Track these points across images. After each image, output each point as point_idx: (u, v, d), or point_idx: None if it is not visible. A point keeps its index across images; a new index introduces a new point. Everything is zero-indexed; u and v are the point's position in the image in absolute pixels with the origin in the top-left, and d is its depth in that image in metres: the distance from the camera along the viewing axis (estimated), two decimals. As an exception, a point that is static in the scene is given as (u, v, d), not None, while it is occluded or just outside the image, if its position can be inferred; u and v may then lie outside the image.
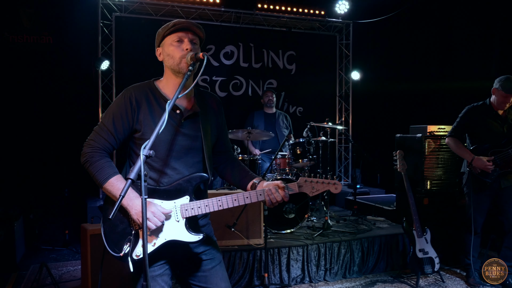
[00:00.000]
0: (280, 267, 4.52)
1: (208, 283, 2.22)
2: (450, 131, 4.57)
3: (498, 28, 6.13)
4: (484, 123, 4.32)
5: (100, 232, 3.96)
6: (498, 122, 4.29)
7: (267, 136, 5.98)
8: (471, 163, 4.28)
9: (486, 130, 4.31)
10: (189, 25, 2.15)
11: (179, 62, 2.11)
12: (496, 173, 4.21)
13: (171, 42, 2.15)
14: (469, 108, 4.46)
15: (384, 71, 8.28)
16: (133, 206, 2.00)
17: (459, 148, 4.42)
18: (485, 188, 4.30)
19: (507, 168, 4.19)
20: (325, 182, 2.22)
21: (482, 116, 4.34)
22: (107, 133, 2.13)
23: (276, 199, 2.13)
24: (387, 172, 7.18)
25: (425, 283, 4.58)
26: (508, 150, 4.16)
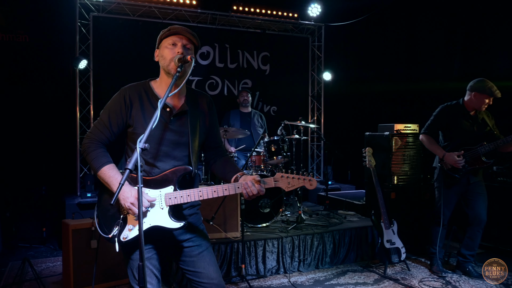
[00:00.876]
0: (256, 259, 4.73)
1: (196, 267, 2.41)
2: (424, 128, 4.76)
3: (460, 32, 6.49)
4: (457, 122, 4.54)
5: (83, 227, 4.13)
6: (470, 121, 4.52)
7: (242, 134, 6.16)
8: (442, 159, 4.54)
9: (458, 129, 4.53)
10: (183, 31, 2.33)
11: (169, 64, 2.30)
12: (465, 169, 4.45)
13: (166, 45, 2.34)
14: (443, 107, 4.68)
15: (354, 72, 8.55)
16: (122, 194, 2.19)
17: (432, 145, 4.65)
18: (454, 183, 4.55)
19: (475, 165, 4.45)
20: (301, 178, 2.39)
21: (455, 115, 4.56)
22: (104, 127, 2.33)
23: (252, 192, 2.32)
24: (357, 169, 7.49)
25: (392, 271, 4.86)
26: (477, 148, 4.41)
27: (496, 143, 4.32)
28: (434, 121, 4.70)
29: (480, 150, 4.39)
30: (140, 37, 7.19)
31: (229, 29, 8.11)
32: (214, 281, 2.41)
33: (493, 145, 4.33)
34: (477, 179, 4.56)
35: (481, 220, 4.53)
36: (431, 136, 4.69)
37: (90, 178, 6.37)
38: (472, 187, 4.56)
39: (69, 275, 4.17)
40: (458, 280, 4.53)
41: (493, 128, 4.56)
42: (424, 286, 4.39)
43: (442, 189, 4.60)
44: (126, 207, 2.19)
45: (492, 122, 4.60)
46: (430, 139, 4.67)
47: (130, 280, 2.39)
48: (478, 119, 4.55)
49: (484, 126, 4.52)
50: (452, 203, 4.64)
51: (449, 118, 4.59)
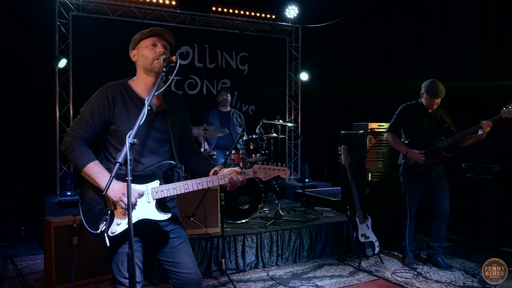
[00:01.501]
0: (236, 253, 4.86)
1: (175, 258, 2.53)
2: (388, 127, 5.07)
3: (430, 35, 6.76)
4: (417, 120, 4.84)
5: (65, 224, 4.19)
6: (428, 119, 4.83)
7: (222, 133, 6.27)
8: (406, 155, 4.80)
9: (418, 126, 4.84)
10: (163, 32, 2.47)
11: (152, 62, 2.42)
12: (427, 163, 4.73)
13: (146, 45, 2.46)
14: (404, 107, 4.98)
15: (330, 72, 8.73)
16: (111, 188, 2.28)
17: (396, 142, 4.94)
18: (418, 177, 4.82)
19: (436, 159, 4.73)
20: (276, 168, 2.58)
21: (414, 114, 4.87)
22: (86, 124, 2.40)
23: (235, 183, 2.47)
24: (334, 166, 7.66)
25: (367, 264, 5.06)
26: (437, 143, 4.70)
27: (453, 138, 4.63)
28: (396, 120, 4.99)
29: (439, 145, 4.68)
30: (119, 37, 7.23)
31: (208, 29, 8.22)
32: (191, 270, 2.53)
33: (451, 139, 4.64)
34: (439, 173, 4.84)
35: (445, 212, 4.80)
36: (395, 134, 4.97)
37: (70, 177, 6.40)
38: (435, 181, 4.83)
39: (51, 271, 4.22)
40: (429, 271, 4.75)
41: (450, 124, 4.87)
42: (397, 277, 4.60)
43: (407, 184, 4.86)
44: (117, 199, 2.28)
45: (449, 120, 4.91)
46: (394, 137, 4.96)
47: (114, 274, 2.45)
48: (436, 116, 4.85)
49: (442, 123, 4.83)
50: (418, 196, 4.91)
51: (410, 117, 4.89)
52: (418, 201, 4.94)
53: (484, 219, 5.43)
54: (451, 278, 4.55)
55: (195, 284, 2.54)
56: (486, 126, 4.43)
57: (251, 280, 4.56)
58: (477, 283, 4.40)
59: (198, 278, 2.55)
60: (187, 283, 2.52)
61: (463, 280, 4.48)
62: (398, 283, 4.43)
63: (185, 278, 2.52)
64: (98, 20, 7.16)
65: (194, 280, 2.53)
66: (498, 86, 5.50)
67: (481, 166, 5.56)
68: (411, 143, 4.87)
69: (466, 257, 5.24)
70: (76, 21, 6.98)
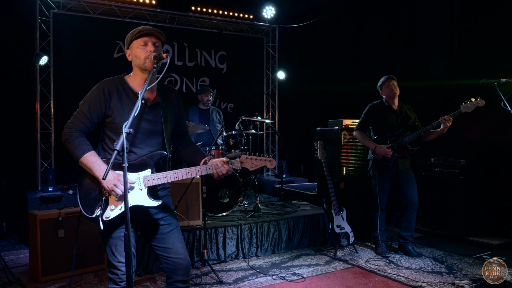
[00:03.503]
0: (217, 245, 5.03)
1: (166, 244, 2.69)
2: (356, 126, 5.36)
3: (402, 36, 7.06)
4: (383, 117, 5.14)
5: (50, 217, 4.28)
6: (394, 115, 5.13)
7: (202, 129, 6.39)
8: (374, 150, 5.08)
9: (384, 123, 5.13)
10: (152, 31, 2.63)
11: (144, 62, 2.58)
12: (394, 157, 5.01)
13: (137, 45, 2.61)
14: (370, 106, 5.28)
15: (306, 71, 8.99)
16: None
17: (364, 139, 5.23)
18: (386, 171, 5.10)
19: (403, 153, 5.01)
20: (263, 159, 2.72)
21: (380, 111, 5.17)
22: (84, 117, 2.56)
23: (222, 172, 2.63)
24: (310, 163, 7.92)
25: (342, 254, 5.31)
26: (403, 138, 4.98)
27: (418, 132, 4.92)
28: (364, 118, 5.28)
29: (405, 140, 4.97)
30: (100, 35, 7.32)
31: (188, 28, 8.35)
32: (181, 255, 2.69)
33: (416, 134, 4.93)
34: (406, 167, 5.13)
35: (414, 203, 5.08)
36: (363, 131, 5.26)
37: (52, 173, 6.45)
38: (402, 174, 5.11)
39: (37, 264, 4.30)
40: (400, 259, 5.03)
41: (415, 120, 5.17)
42: (370, 265, 4.86)
43: (377, 177, 5.14)
44: (109, 188, 2.44)
45: (414, 115, 5.22)
46: (362, 134, 5.25)
47: (109, 258, 2.60)
48: (401, 113, 5.15)
49: (407, 119, 5.12)
50: (387, 189, 5.19)
51: (376, 115, 5.19)
52: (387, 193, 5.22)
53: (451, 210, 5.74)
54: (420, 265, 4.84)
55: (184, 269, 2.70)
56: (446, 121, 4.73)
57: (232, 270, 4.74)
58: (444, 268, 4.69)
59: (187, 263, 2.72)
60: (177, 268, 2.68)
61: (432, 267, 4.76)
62: (371, 270, 4.69)
63: (174, 263, 2.68)
64: (79, 18, 7.21)
65: (183, 264, 2.69)
66: (463, 85, 5.84)
67: (448, 160, 5.86)
68: (379, 139, 5.16)
69: (435, 246, 5.54)
70: (57, 19, 7.01)
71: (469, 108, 4.66)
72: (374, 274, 4.55)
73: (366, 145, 5.30)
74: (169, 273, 2.71)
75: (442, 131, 4.82)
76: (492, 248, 5.36)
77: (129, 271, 2.20)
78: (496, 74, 5.03)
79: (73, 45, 7.15)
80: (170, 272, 2.71)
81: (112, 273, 2.63)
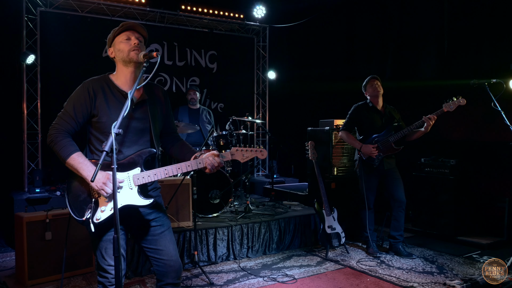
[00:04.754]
0: (207, 246, 4.99)
1: (158, 245, 2.64)
2: (342, 126, 5.39)
3: (392, 37, 7.08)
4: (367, 118, 5.19)
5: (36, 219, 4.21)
6: (379, 116, 5.18)
7: (192, 129, 6.35)
8: (360, 150, 5.11)
9: (369, 123, 5.18)
10: (134, 25, 2.60)
11: (128, 54, 2.54)
12: (380, 157, 5.04)
13: (120, 40, 2.58)
14: (355, 107, 5.33)
15: (297, 71, 8.96)
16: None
17: (350, 139, 5.26)
18: (372, 170, 5.12)
19: (388, 153, 5.04)
20: (253, 150, 2.68)
21: (365, 112, 5.23)
22: (69, 118, 2.50)
23: (214, 164, 2.57)
24: (301, 163, 7.90)
25: (333, 254, 5.30)
26: (387, 138, 5.00)
27: (402, 132, 4.95)
28: (349, 119, 5.33)
29: (390, 139, 4.99)
30: (88, 34, 7.22)
31: (178, 27, 8.28)
32: (173, 257, 2.65)
33: (400, 133, 4.96)
34: (391, 166, 5.17)
35: (401, 202, 5.10)
36: (349, 131, 5.30)
37: (39, 174, 6.35)
38: (388, 174, 5.15)
39: (23, 267, 4.22)
40: (391, 260, 5.03)
41: (399, 120, 5.22)
42: (361, 265, 4.85)
43: (363, 177, 5.16)
44: (98, 188, 2.38)
45: (398, 116, 5.27)
46: (348, 134, 5.29)
47: (98, 261, 2.55)
48: (386, 113, 5.20)
49: (391, 119, 5.17)
50: (374, 188, 5.22)
51: (361, 115, 5.24)
52: (374, 192, 5.25)
53: (442, 210, 5.76)
54: (411, 265, 4.84)
55: (175, 271, 2.66)
56: (429, 120, 4.76)
57: (223, 271, 4.70)
58: (435, 268, 4.70)
59: (179, 265, 2.68)
60: (168, 270, 2.64)
61: (423, 267, 4.77)
62: (363, 270, 4.68)
63: (166, 265, 2.63)
64: (66, 17, 7.10)
65: (174, 267, 2.65)
66: (453, 85, 5.86)
67: (438, 160, 5.88)
68: (364, 139, 5.19)
69: (425, 246, 5.56)
70: (44, 17, 6.90)
71: (451, 107, 4.71)
72: (366, 275, 4.54)
73: (351, 145, 5.35)
74: (160, 275, 2.67)
75: (426, 130, 4.87)
76: (482, 248, 5.39)
77: (119, 275, 2.15)
78: (486, 75, 5.07)
79: (61, 44, 7.04)
80: (161, 274, 2.66)
81: (101, 276, 2.58)
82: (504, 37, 5.64)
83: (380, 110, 5.20)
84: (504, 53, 5.62)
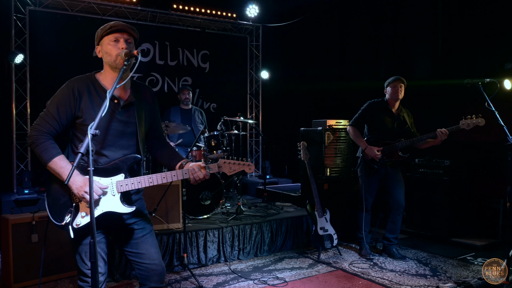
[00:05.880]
0: (198, 248, 4.90)
1: (139, 249, 2.56)
2: (351, 121, 5.19)
3: (386, 36, 7.03)
4: (380, 117, 5.01)
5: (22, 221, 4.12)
6: (391, 118, 5.01)
7: (183, 130, 6.26)
8: (364, 150, 4.98)
9: (380, 124, 5.01)
10: (124, 27, 2.47)
11: (115, 59, 2.42)
12: (383, 161, 4.92)
13: (108, 41, 2.45)
14: (370, 103, 5.13)
15: (290, 71, 8.90)
16: (74, 182, 2.29)
17: (357, 137, 5.09)
18: (374, 172, 5.01)
19: (392, 158, 4.93)
20: (241, 163, 2.62)
21: (378, 111, 5.03)
22: (52, 119, 2.39)
23: (198, 177, 2.52)
24: (294, 163, 7.84)
25: (326, 256, 5.22)
26: (395, 143, 4.88)
27: (412, 140, 4.83)
28: (360, 115, 5.14)
29: (398, 145, 4.88)
30: (79, 33, 7.13)
31: (169, 27, 8.21)
32: (155, 261, 2.57)
33: (410, 141, 4.84)
34: (394, 169, 5.06)
35: (400, 205, 5.01)
36: (357, 128, 5.13)
37: (28, 175, 6.26)
38: (390, 176, 5.04)
39: (9, 270, 4.14)
40: (384, 262, 4.96)
41: (411, 126, 5.07)
42: (354, 267, 4.78)
43: (364, 178, 5.05)
44: (80, 195, 2.29)
45: (411, 121, 5.11)
46: (356, 131, 5.11)
47: (78, 265, 2.47)
48: (399, 116, 5.04)
49: (403, 124, 5.02)
50: (373, 190, 5.10)
51: (374, 113, 5.05)
52: (374, 195, 5.14)
53: (436, 211, 5.69)
54: (404, 267, 4.77)
55: (158, 275, 2.58)
56: (442, 134, 4.66)
57: (213, 274, 4.62)
58: (429, 271, 4.63)
59: (162, 269, 2.59)
60: (151, 274, 2.56)
61: (416, 269, 4.70)
62: (355, 273, 4.60)
63: (148, 269, 2.55)
64: (56, 16, 7.01)
65: (157, 270, 2.57)
66: (447, 85, 5.81)
67: (433, 161, 5.82)
68: (371, 139, 5.05)
69: (419, 248, 5.49)
70: (33, 16, 6.82)
71: (469, 125, 4.58)
72: (358, 277, 4.47)
73: (357, 143, 5.17)
74: (143, 279, 2.59)
75: (436, 143, 4.77)
76: (476, 249, 5.33)
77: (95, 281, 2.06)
78: (480, 74, 5.01)
79: (51, 43, 6.95)
80: (143, 278, 2.58)
81: (82, 280, 2.50)
82: (499, 36, 5.59)
83: (394, 112, 5.03)
84: (498, 52, 5.57)
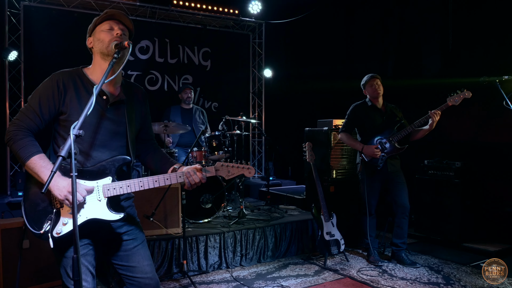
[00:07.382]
0: (198, 254, 4.68)
1: (130, 262, 2.33)
2: (341, 127, 5.10)
3: (394, 32, 6.81)
4: (367, 117, 4.90)
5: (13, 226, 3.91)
6: (379, 114, 4.89)
7: (183, 129, 6.07)
8: (362, 151, 4.81)
9: (369, 123, 4.89)
10: (120, 16, 2.28)
11: (108, 45, 2.22)
12: (383, 158, 4.75)
13: (102, 29, 2.27)
14: (353, 106, 5.05)
15: (294, 69, 8.72)
16: (55, 185, 2.06)
17: (350, 140, 4.98)
18: (375, 173, 4.83)
19: (391, 153, 4.77)
20: (240, 166, 2.41)
21: (364, 111, 4.94)
22: (33, 113, 2.18)
23: (194, 181, 2.29)
24: (298, 164, 7.63)
25: (332, 262, 4.99)
26: (390, 137, 4.73)
27: (405, 130, 4.69)
28: (348, 119, 5.05)
29: (393, 139, 4.72)
30: (75, 29, 6.91)
31: (169, 23, 8.03)
32: (148, 275, 2.35)
33: (404, 132, 4.69)
34: (396, 169, 4.87)
35: (405, 208, 4.81)
36: (349, 133, 5.02)
37: (22, 176, 6.05)
38: (392, 177, 4.85)
39: (-2, 276, 3.96)
40: (394, 269, 4.72)
41: (402, 118, 4.92)
42: (362, 275, 4.54)
43: (366, 180, 4.88)
44: (62, 198, 2.06)
45: (400, 114, 4.96)
46: (348, 135, 5.01)
47: (63, 279, 2.24)
48: (387, 111, 4.92)
49: (393, 117, 4.89)
50: (376, 192, 4.93)
51: (360, 115, 4.95)
52: (377, 197, 4.96)
53: (446, 215, 5.47)
54: (415, 274, 4.53)
55: None
56: (434, 115, 4.49)
57: (214, 282, 4.39)
58: (441, 279, 4.39)
59: (155, 282, 2.37)
60: None
61: (428, 277, 4.46)
62: (364, 281, 4.37)
63: (141, 284, 2.33)
64: (52, 11, 6.83)
65: (150, 285, 2.35)
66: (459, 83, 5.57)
67: (443, 162, 5.60)
68: (365, 139, 4.91)
69: (429, 253, 5.26)
70: (28, 12, 6.64)
71: (456, 100, 4.47)
72: (367, 286, 4.23)
73: (352, 147, 5.06)
74: None
75: (431, 127, 4.59)
76: (490, 255, 5.07)
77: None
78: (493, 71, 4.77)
79: (46, 39, 6.76)
80: None
81: (67, 297, 2.25)
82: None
83: (381, 108, 4.93)
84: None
